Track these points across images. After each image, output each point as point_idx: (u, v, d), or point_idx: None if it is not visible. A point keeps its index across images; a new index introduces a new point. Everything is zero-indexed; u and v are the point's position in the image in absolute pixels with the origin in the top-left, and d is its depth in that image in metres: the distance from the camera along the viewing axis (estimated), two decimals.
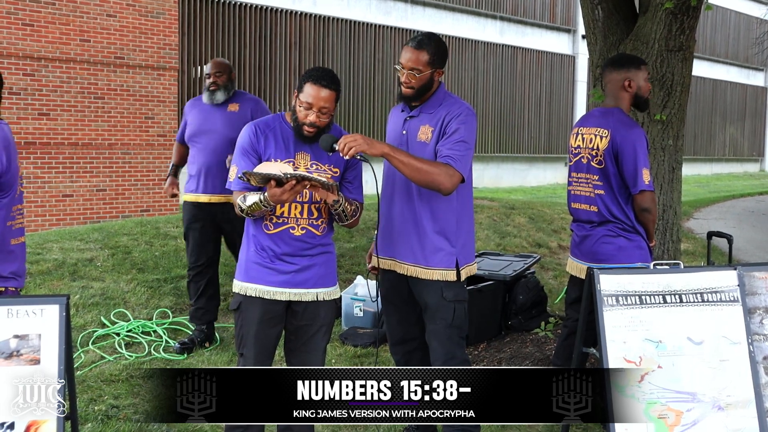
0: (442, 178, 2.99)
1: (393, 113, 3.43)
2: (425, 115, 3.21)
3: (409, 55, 3.13)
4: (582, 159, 3.59)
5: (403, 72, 3.15)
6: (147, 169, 10.49)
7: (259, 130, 2.94)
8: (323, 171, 2.94)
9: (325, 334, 3.04)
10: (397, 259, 3.26)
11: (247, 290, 2.95)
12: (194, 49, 12.05)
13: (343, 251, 7.07)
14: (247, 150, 2.92)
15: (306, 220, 2.92)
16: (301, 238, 2.93)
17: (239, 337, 3.00)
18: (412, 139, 3.21)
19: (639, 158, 3.36)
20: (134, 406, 3.98)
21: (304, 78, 2.87)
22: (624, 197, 3.45)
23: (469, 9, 17.59)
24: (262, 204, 2.79)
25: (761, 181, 23.81)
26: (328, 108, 2.85)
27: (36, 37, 9.51)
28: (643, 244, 3.48)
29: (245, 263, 2.99)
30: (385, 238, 3.28)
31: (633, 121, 3.52)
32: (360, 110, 14.90)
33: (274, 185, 2.71)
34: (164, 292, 5.76)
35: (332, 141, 2.85)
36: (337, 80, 2.90)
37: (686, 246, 8.62)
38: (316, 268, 2.97)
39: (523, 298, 5.47)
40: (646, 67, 3.61)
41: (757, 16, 24.04)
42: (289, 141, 2.93)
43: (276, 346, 3.05)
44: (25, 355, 2.49)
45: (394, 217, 3.24)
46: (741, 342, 2.80)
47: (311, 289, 2.97)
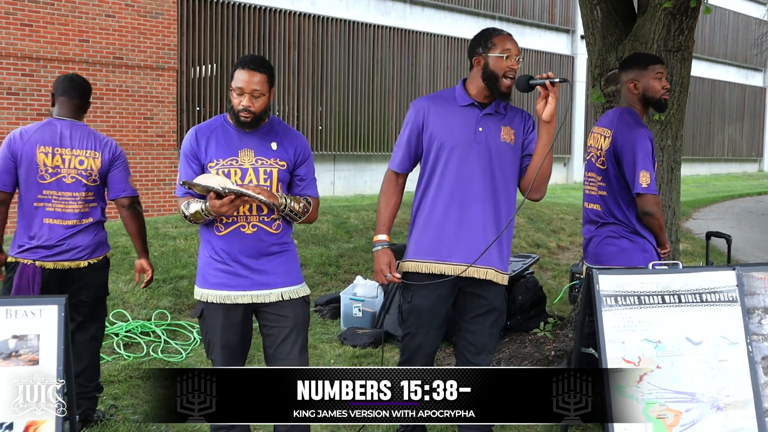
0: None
1: (444, 107, 3.07)
2: (500, 116, 3.06)
3: (515, 43, 3.01)
4: (592, 158, 3.52)
5: (514, 60, 2.98)
6: (146, 169, 10.49)
7: (200, 133, 2.91)
8: (269, 165, 2.88)
9: (300, 334, 2.95)
10: (479, 264, 3.01)
11: (207, 297, 2.89)
12: (193, 50, 12.04)
13: (342, 251, 7.07)
14: (189, 156, 2.89)
15: (256, 217, 2.85)
16: (255, 237, 2.86)
17: (206, 343, 2.95)
18: (493, 139, 3.01)
19: (638, 160, 3.24)
20: (133, 407, 3.98)
21: (234, 66, 2.85)
22: (626, 199, 3.35)
23: (468, 9, 17.59)
24: (203, 213, 2.78)
25: (760, 181, 23.83)
26: (259, 90, 2.81)
27: (35, 37, 9.50)
28: (648, 247, 3.36)
29: (202, 268, 2.93)
30: (452, 242, 3.02)
31: (638, 122, 3.38)
32: (359, 110, 14.89)
33: (214, 197, 2.70)
34: (163, 292, 5.76)
35: (528, 79, 2.88)
36: (266, 64, 2.86)
37: (685, 246, 8.62)
38: (275, 266, 2.90)
39: (522, 299, 5.47)
40: (658, 66, 3.42)
41: (756, 16, 24.05)
42: (232, 139, 2.89)
43: (247, 346, 3.00)
44: (24, 356, 2.49)
45: (471, 220, 3.01)
46: (740, 342, 2.81)
47: (274, 289, 2.90)
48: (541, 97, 2.86)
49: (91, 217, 3.56)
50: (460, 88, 3.08)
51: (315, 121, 14.07)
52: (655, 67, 3.41)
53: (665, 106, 3.52)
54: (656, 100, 3.41)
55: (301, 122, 13.73)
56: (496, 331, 3.14)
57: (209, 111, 12.26)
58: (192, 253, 6.57)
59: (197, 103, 12.13)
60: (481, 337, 3.10)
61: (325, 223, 8.05)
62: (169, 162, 10.80)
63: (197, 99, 12.13)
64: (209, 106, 12.32)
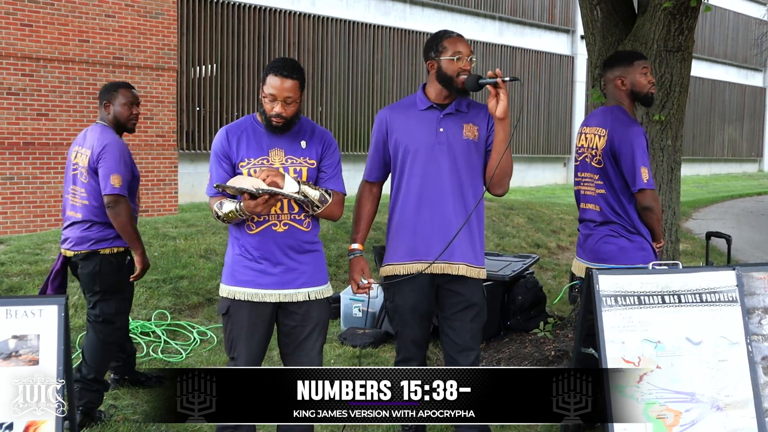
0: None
1: (405, 113, 3.15)
2: (462, 114, 3.10)
3: (466, 44, 3.05)
4: (586, 158, 3.55)
5: (465, 61, 3.02)
6: (146, 169, 10.48)
7: (231, 133, 2.92)
8: (299, 164, 2.90)
9: (320, 335, 2.98)
10: (451, 260, 3.06)
11: (235, 294, 2.90)
12: (193, 50, 12.05)
13: (342, 251, 7.07)
14: (220, 156, 2.91)
15: (287, 215, 2.88)
16: (286, 236, 2.88)
17: (229, 341, 2.96)
18: (455, 138, 3.06)
19: (637, 156, 3.30)
20: (133, 407, 3.98)
21: (266, 71, 2.86)
22: (626, 196, 3.39)
23: (468, 9, 17.60)
24: (238, 213, 2.79)
25: (760, 181, 23.83)
26: (292, 97, 2.83)
27: (35, 37, 9.50)
28: (645, 246, 3.41)
29: (231, 266, 2.94)
30: (426, 241, 3.06)
31: (631, 119, 3.45)
32: (359, 110, 14.90)
33: (248, 198, 2.71)
34: (163, 292, 5.76)
35: (477, 78, 2.91)
36: (299, 69, 2.87)
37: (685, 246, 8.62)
38: (304, 266, 2.93)
39: (521, 299, 5.47)
40: (642, 61, 3.49)
41: (756, 16, 24.06)
42: (262, 139, 2.91)
43: (266, 347, 3.01)
44: (24, 356, 2.49)
45: (441, 218, 3.05)
46: (740, 342, 2.80)
47: (301, 289, 2.92)
48: (492, 95, 2.91)
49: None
50: (420, 93, 3.17)
51: (315, 121, 14.07)
52: (640, 63, 3.48)
53: (652, 100, 3.58)
54: (644, 94, 3.47)
55: None
56: (477, 326, 3.14)
57: (209, 111, 12.27)
58: (192, 253, 6.57)
59: (197, 104, 12.13)
60: (462, 332, 3.11)
61: (325, 223, 8.04)
62: (169, 162, 10.80)
63: (197, 99, 12.14)
64: (209, 107, 12.33)
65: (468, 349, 3.12)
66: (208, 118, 12.70)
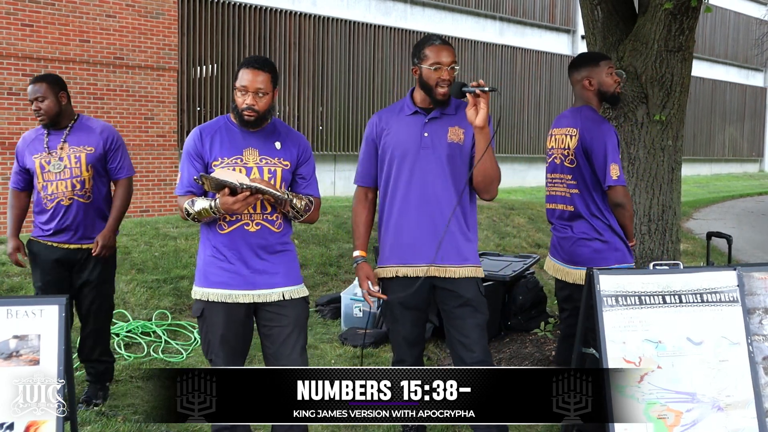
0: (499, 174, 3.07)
1: (393, 118, 3.19)
2: (447, 117, 3.12)
3: (448, 52, 3.08)
4: (555, 159, 3.62)
5: (445, 71, 3.04)
6: (146, 169, 10.49)
7: (204, 132, 2.92)
8: (273, 164, 2.89)
9: (300, 334, 2.95)
10: (440, 263, 3.08)
11: (208, 296, 2.89)
12: (194, 50, 12.04)
13: (342, 251, 7.07)
14: (192, 155, 2.90)
15: (260, 215, 2.87)
16: (258, 236, 2.87)
17: (206, 343, 2.95)
18: (439, 141, 3.08)
19: (608, 154, 3.34)
20: (133, 407, 3.98)
21: (239, 67, 2.87)
22: (600, 194, 3.43)
23: (469, 9, 17.59)
24: (211, 210, 2.76)
25: (760, 181, 23.83)
26: (263, 89, 2.83)
27: (35, 37, 9.50)
28: (620, 245, 3.44)
29: (203, 267, 2.92)
30: (414, 244, 3.10)
31: (601, 117, 3.51)
32: (360, 110, 14.90)
33: (227, 193, 2.69)
34: (163, 292, 5.76)
35: (461, 86, 2.93)
36: (270, 64, 2.88)
37: (686, 246, 8.62)
38: (277, 266, 2.91)
39: (522, 299, 5.47)
40: (608, 62, 3.56)
41: (756, 16, 24.04)
42: (236, 138, 2.90)
43: (247, 347, 3.00)
44: (25, 356, 2.49)
45: (428, 221, 3.08)
46: (740, 342, 2.80)
47: (275, 289, 2.91)
48: (471, 104, 2.93)
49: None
50: (408, 98, 3.21)
51: (316, 121, 14.07)
52: (605, 63, 3.55)
53: (619, 99, 3.68)
54: (611, 94, 3.54)
55: (301, 122, 13.73)
56: (477, 323, 3.11)
57: (210, 111, 12.26)
58: (192, 253, 6.57)
59: (198, 104, 12.13)
60: (464, 330, 3.10)
61: (325, 223, 8.05)
62: (169, 162, 10.80)
63: (198, 99, 12.13)
64: (210, 107, 12.32)
65: (479, 353, 3.10)
66: (209, 118, 12.70)
